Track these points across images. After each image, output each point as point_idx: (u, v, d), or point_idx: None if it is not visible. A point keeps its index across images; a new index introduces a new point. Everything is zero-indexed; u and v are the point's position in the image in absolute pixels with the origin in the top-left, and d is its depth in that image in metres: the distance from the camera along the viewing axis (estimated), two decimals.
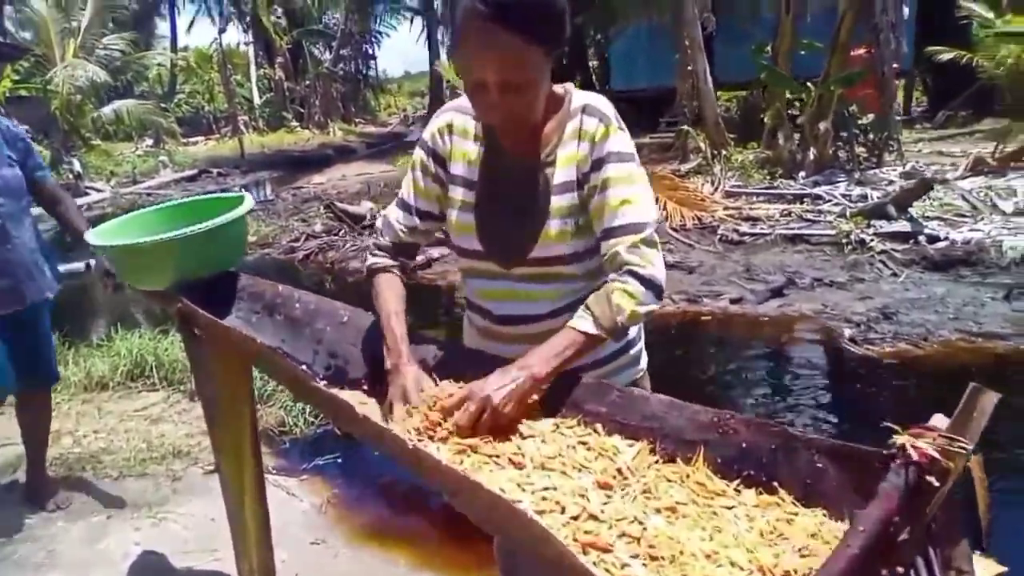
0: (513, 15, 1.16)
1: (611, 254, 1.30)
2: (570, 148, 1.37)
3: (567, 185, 1.37)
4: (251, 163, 19.65)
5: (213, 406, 1.93)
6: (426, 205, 1.51)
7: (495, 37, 1.17)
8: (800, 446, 1.07)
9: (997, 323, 4.54)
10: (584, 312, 1.27)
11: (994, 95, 13.09)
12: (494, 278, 1.46)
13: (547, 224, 1.38)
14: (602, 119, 1.34)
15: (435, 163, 1.49)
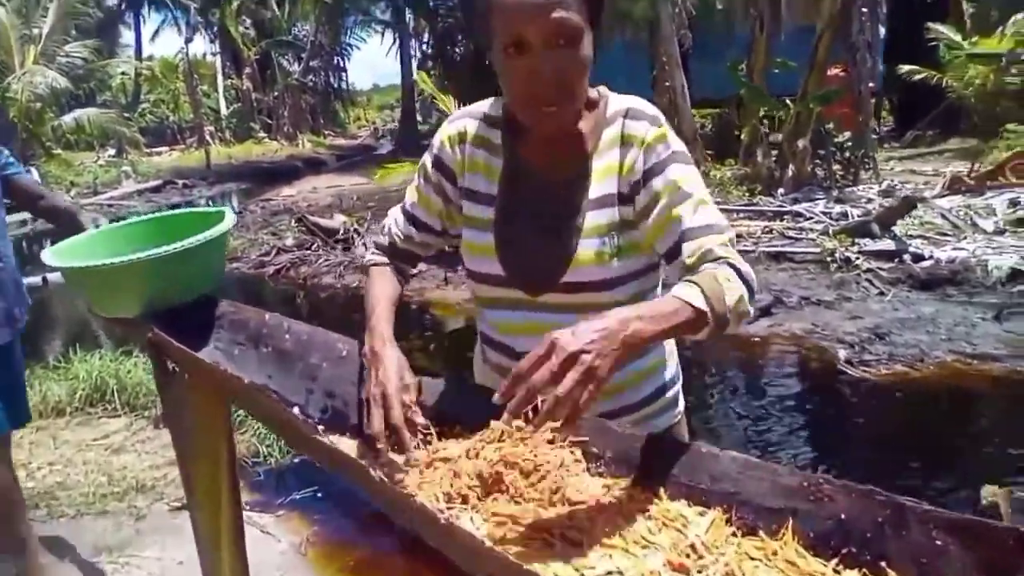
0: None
1: (702, 252, 1.08)
2: (609, 157, 1.19)
3: (605, 200, 1.19)
4: (218, 174, 19.26)
5: (186, 442, 1.70)
6: (425, 216, 1.36)
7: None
8: (913, 519, 0.90)
9: (990, 344, 4.48)
10: (689, 285, 0.99)
11: (960, 115, 13.34)
12: (517, 308, 1.26)
13: (580, 244, 1.19)
14: (652, 121, 1.17)
15: (441, 175, 1.32)
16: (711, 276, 1.02)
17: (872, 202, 7.91)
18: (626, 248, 1.19)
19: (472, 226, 1.28)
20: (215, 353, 1.67)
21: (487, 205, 1.26)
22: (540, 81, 1.07)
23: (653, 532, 0.97)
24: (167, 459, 3.23)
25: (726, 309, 0.99)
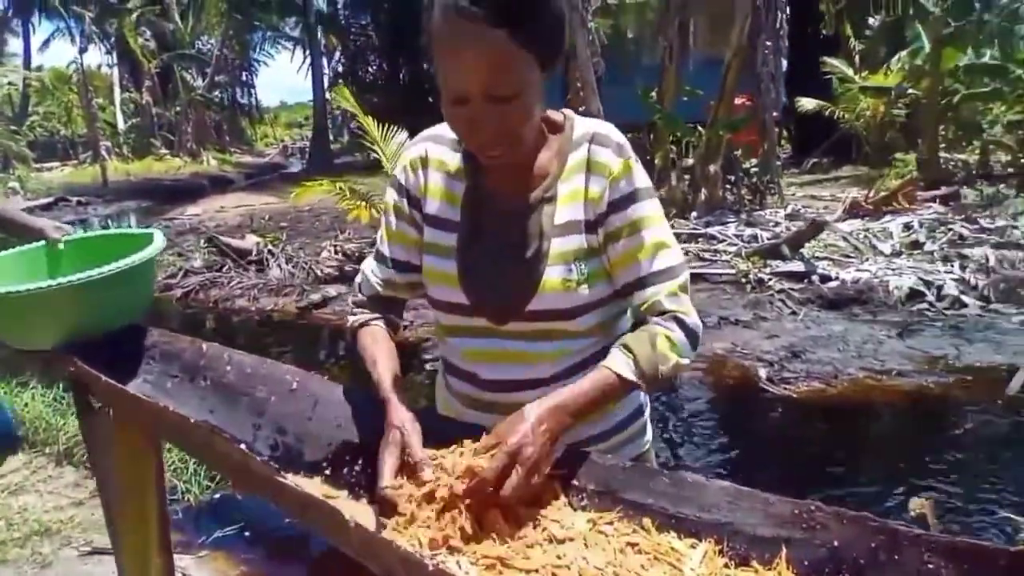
0: (499, 8, 0.97)
1: (651, 303, 1.13)
2: (575, 183, 1.16)
3: (572, 226, 1.16)
4: (115, 192, 18.27)
5: (112, 487, 1.56)
6: (404, 254, 1.28)
7: (478, 34, 0.97)
8: (907, 543, 0.90)
9: (897, 361, 4.72)
10: (622, 352, 1.08)
11: (852, 144, 14.22)
12: (482, 336, 1.22)
13: (546, 271, 1.15)
14: (618, 151, 1.15)
15: (409, 204, 1.26)
16: (649, 342, 1.09)
17: (779, 225, 8.27)
18: (592, 275, 1.17)
19: (433, 252, 1.23)
20: (144, 387, 1.54)
21: (449, 231, 1.22)
22: (480, 130, 1.06)
23: (646, 567, 0.94)
24: (72, 499, 2.98)
25: (658, 375, 1.08)
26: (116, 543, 1.60)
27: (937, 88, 11.09)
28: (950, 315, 5.59)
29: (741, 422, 4.40)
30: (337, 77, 24.73)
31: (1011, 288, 5.92)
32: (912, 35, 12.03)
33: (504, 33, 0.97)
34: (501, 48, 0.98)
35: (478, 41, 0.98)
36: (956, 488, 3.24)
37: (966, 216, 8.09)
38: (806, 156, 14.82)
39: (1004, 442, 3.88)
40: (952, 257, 6.68)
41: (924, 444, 3.96)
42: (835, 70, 13.18)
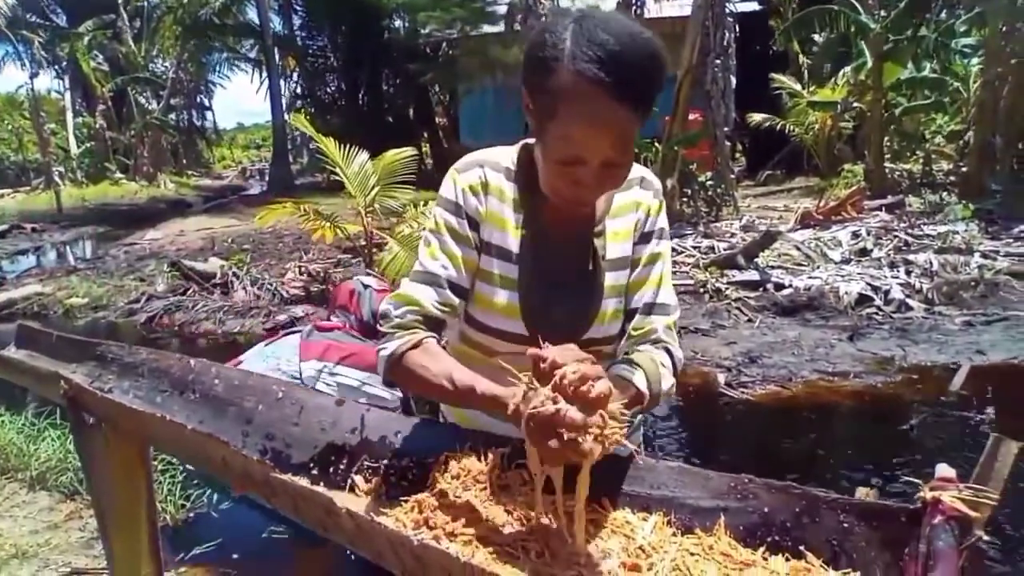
0: (635, 90, 1.00)
1: (647, 329, 1.26)
2: (625, 221, 1.28)
3: (622, 261, 1.29)
4: (70, 218, 17.93)
5: (105, 498, 1.64)
6: (460, 276, 1.24)
7: (613, 114, 1.00)
8: (824, 507, 1.05)
9: (848, 363, 4.95)
10: (633, 368, 1.17)
11: (802, 156, 14.69)
12: None
13: (604, 303, 1.27)
14: (656, 194, 1.32)
15: (470, 227, 1.25)
16: (651, 360, 1.19)
17: (735, 236, 8.53)
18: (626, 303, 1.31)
19: (489, 281, 1.25)
20: (134, 402, 1.63)
21: (508, 261, 1.25)
22: (586, 189, 1.10)
23: (605, 539, 1.07)
24: (48, 523, 3.01)
25: (660, 392, 1.18)
26: (109, 552, 1.68)
27: (880, 101, 11.55)
28: (897, 318, 5.86)
29: (702, 425, 4.57)
30: (296, 98, 24.68)
31: (953, 291, 6.22)
32: (855, 51, 12.51)
33: (634, 115, 1.01)
34: (628, 125, 1.02)
35: (612, 120, 1.01)
36: (902, 475, 3.44)
37: (910, 223, 8.47)
38: (760, 169, 15.27)
39: (946, 434, 4.10)
40: (898, 263, 6.98)
41: (874, 439, 4.17)
42: (784, 85, 13.63)
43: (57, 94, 29.77)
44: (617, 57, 0.99)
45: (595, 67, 0.98)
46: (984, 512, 0.94)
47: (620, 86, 0.99)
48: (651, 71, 1.02)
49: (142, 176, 25.69)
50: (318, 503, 1.09)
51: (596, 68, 0.98)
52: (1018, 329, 5.41)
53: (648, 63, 1.01)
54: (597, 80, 0.98)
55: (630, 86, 0.99)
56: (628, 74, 0.99)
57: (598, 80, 0.98)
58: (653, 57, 1.02)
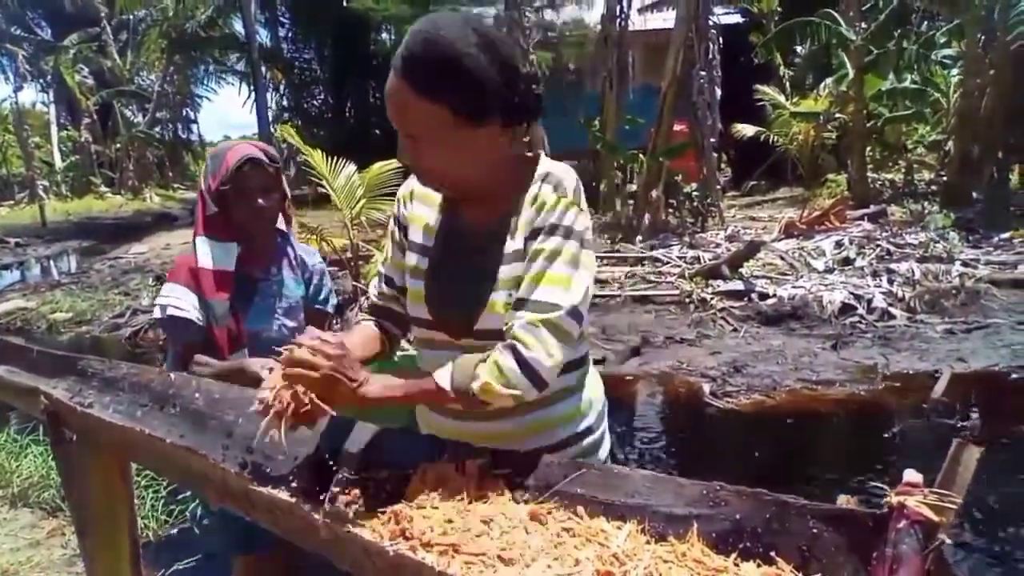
0: (410, 69, 1.19)
1: (511, 325, 1.22)
2: (525, 216, 1.31)
3: (516, 255, 1.31)
4: (55, 232, 17.82)
5: (85, 513, 1.63)
6: (393, 273, 1.50)
7: (398, 90, 1.21)
8: (794, 513, 1.07)
9: (831, 371, 5.00)
10: (452, 363, 1.22)
11: (787, 166, 14.83)
12: (442, 348, 1.38)
13: (493, 295, 1.30)
14: (557, 189, 1.28)
15: (400, 231, 1.47)
16: (472, 362, 1.21)
17: (720, 246, 8.60)
18: None
19: (412, 275, 1.42)
20: (114, 417, 1.62)
21: (421, 254, 1.41)
22: (408, 162, 1.32)
23: (580, 548, 1.09)
24: (29, 540, 2.99)
25: (468, 392, 1.19)
26: (89, 567, 1.67)
27: (862, 112, 11.69)
28: (879, 326, 5.92)
29: (688, 434, 4.60)
30: (282, 111, 24.70)
31: (935, 299, 6.30)
32: (837, 63, 12.67)
33: (414, 91, 1.19)
34: (405, 98, 1.20)
35: (396, 94, 1.21)
36: (884, 482, 3.47)
37: (893, 232, 8.57)
38: (744, 179, 15.40)
39: (928, 440, 4.15)
40: (880, 272, 7.05)
41: (857, 447, 4.21)
42: (767, 96, 13.78)
43: (42, 107, 29.67)
44: (407, 44, 1.21)
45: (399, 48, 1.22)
46: (948, 516, 0.96)
47: (400, 62, 1.20)
48: (422, 55, 1.19)
49: (127, 190, 25.59)
50: (296, 515, 1.10)
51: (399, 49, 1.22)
52: (998, 336, 5.48)
53: (420, 49, 1.19)
54: (392, 65, 1.22)
55: (403, 65, 1.19)
56: (404, 55, 1.20)
57: (392, 64, 1.22)
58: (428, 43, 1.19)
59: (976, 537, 3.04)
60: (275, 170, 2.01)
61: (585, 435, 1.44)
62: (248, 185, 1.94)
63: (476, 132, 1.23)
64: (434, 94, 1.18)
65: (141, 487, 3.22)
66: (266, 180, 1.98)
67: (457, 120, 1.20)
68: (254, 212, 1.96)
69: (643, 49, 15.09)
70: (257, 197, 1.95)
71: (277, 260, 2.12)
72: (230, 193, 1.94)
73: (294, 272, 2.15)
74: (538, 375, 1.20)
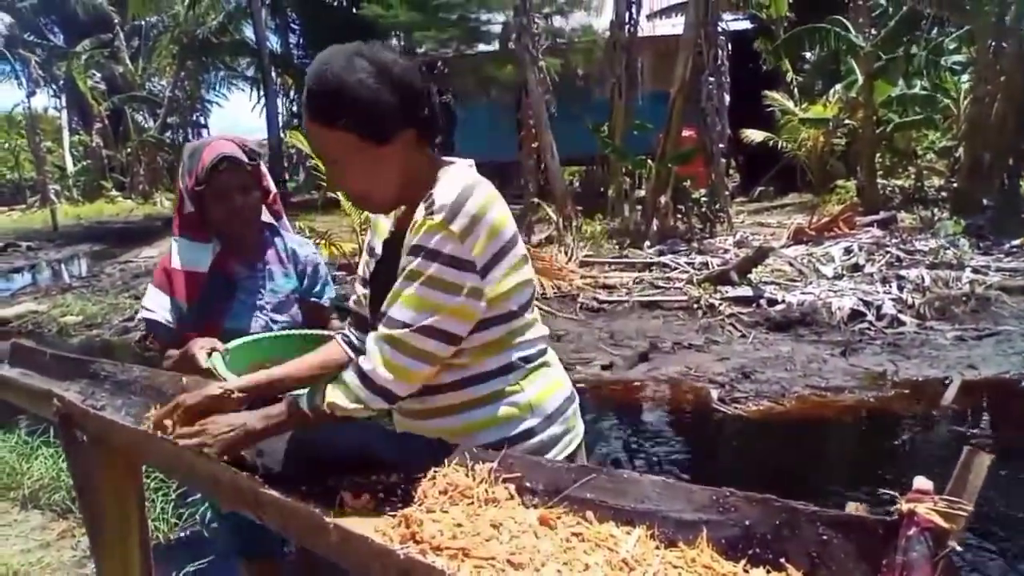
0: (311, 104, 1.31)
1: (366, 340, 1.33)
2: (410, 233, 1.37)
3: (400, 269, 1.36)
4: (66, 236, 17.95)
5: (98, 520, 1.65)
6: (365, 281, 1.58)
7: (307, 124, 1.33)
8: (804, 519, 1.07)
9: (840, 378, 4.98)
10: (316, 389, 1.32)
11: (796, 172, 14.79)
12: None
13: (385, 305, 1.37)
14: (429, 209, 1.29)
15: (370, 237, 1.59)
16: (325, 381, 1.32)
17: (728, 252, 8.57)
18: None
19: (361, 280, 1.56)
20: (126, 419, 1.64)
21: (373, 261, 1.53)
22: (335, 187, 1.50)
23: (589, 552, 1.09)
24: (40, 542, 3.01)
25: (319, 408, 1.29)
26: (100, 570, 1.68)
27: (872, 118, 11.65)
28: (889, 333, 5.89)
29: (695, 441, 4.58)
30: (292, 116, 24.80)
31: (945, 306, 6.26)
32: (846, 69, 12.63)
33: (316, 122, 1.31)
34: (313, 130, 1.32)
35: (306, 125, 1.34)
36: (894, 489, 3.45)
37: (902, 239, 8.53)
38: (753, 185, 15.35)
39: (938, 448, 4.12)
40: (890, 278, 7.01)
41: (866, 454, 4.19)
42: (776, 103, 13.75)
43: (54, 112, 29.93)
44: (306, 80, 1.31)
45: None
46: (958, 524, 0.96)
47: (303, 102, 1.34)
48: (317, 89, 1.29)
49: (138, 194, 25.76)
50: (306, 518, 1.11)
51: None
52: (1009, 344, 5.45)
53: (314, 83, 1.29)
54: None
55: (306, 101, 1.32)
56: (305, 93, 1.31)
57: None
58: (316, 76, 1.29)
59: (985, 545, 3.02)
60: (253, 167, 1.95)
61: (524, 437, 1.40)
62: (225, 184, 1.89)
63: (383, 150, 1.32)
64: (334, 122, 1.28)
65: (151, 490, 3.24)
66: (244, 178, 1.93)
67: (363, 143, 1.30)
68: (232, 212, 1.91)
69: (652, 55, 15.10)
70: (235, 196, 1.91)
71: (262, 254, 2.06)
72: (206, 193, 1.89)
73: (283, 265, 2.08)
74: (378, 386, 1.28)
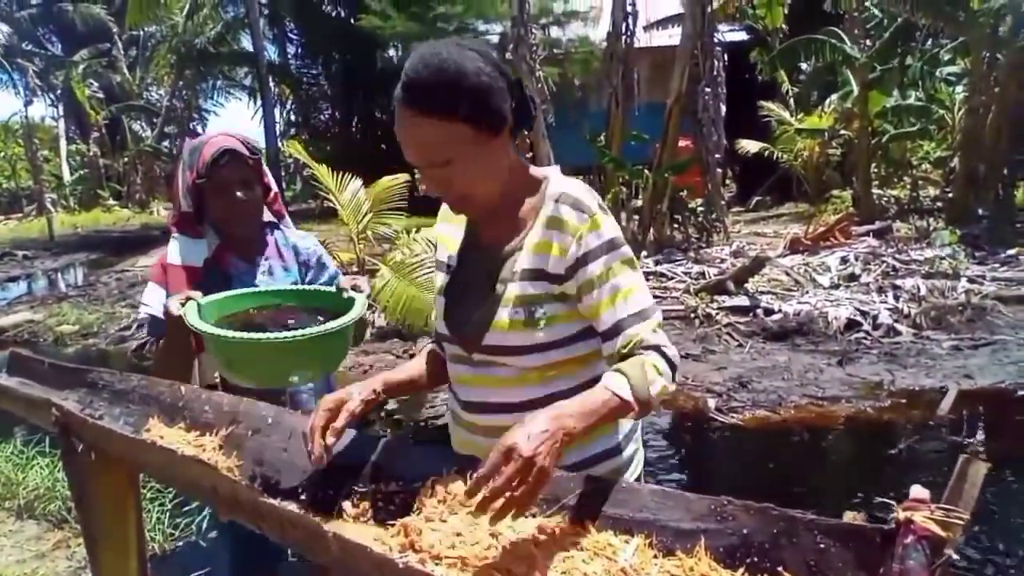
0: (419, 94, 1.18)
1: (635, 341, 1.24)
2: (541, 236, 1.31)
3: (532, 273, 1.30)
4: (62, 244, 17.94)
5: (96, 529, 1.64)
6: None
7: (409, 119, 1.20)
8: (802, 528, 1.07)
9: (837, 387, 4.99)
10: (618, 376, 1.17)
11: (792, 182, 14.86)
12: (460, 362, 1.41)
13: (498, 312, 1.31)
14: (583, 210, 1.28)
15: (436, 251, 1.53)
16: (640, 366, 1.18)
17: (725, 262, 8.60)
18: (552, 319, 1.30)
19: (438, 292, 1.46)
20: (125, 429, 1.64)
21: (446, 273, 1.44)
22: (434, 190, 1.29)
23: (587, 561, 1.09)
24: (35, 552, 3.00)
25: (650, 397, 1.17)
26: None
27: (867, 129, 11.72)
28: (885, 343, 5.91)
29: (693, 450, 4.59)
30: (289, 126, 24.85)
31: (940, 315, 6.29)
32: (841, 79, 12.71)
33: (423, 115, 1.18)
34: (424, 127, 1.19)
35: (407, 123, 1.21)
36: (891, 498, 3.45)
37: (898, 249, 8.56)
38: (749, 195, 15.42)
39: (934, 457, 4.13)
40: (886, 288, 7.05)
41: (863, 463, 4.20)
42: (772, 113, 13.82)
43: (51, 121, 29.92)
44: (406, 73, 1.20)
45: (397, 89, 1.21)
46: (955, 532, 0.96)
47: (406, 91, 1.19)
48: (431, 78, 1.18)
49: (135, 203, 25.76)
50: (305, 528, 1.11)
51: (397, 89, 1.20)
52: (1005, 353, 5.47)
53: (427, 73, 1.18)
54: (396, 97, 1.21)
55: (411, 90, 1.19)
56: (411, 86, 1.19)
57: (397, 97, 1.21)
58: (432, 66, 1.19)
59: (982, 554, 3.03)
60: (255, 162, 1.93)
61: (608, 456, 1.39)
62: (226, 178, 1.87)
63: (494, 143, 1.24)
64: (451, 112, 1.18)
65: (147, 500, 3.23)
66: (245, 173, 1.91)
67: (479, 134, 1.21)
68: (232, 207, 1.89)
69: (648, 66, 15.17)
70: (236, 191, 1.88)
71: (262, 250, 2.03)
72: (207, 187, 1.87)
73: (283, 260, 2.04)
74: (676, 368, 1.26)
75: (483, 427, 1.37)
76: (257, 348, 1.56)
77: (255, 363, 1.62)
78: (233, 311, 1.78)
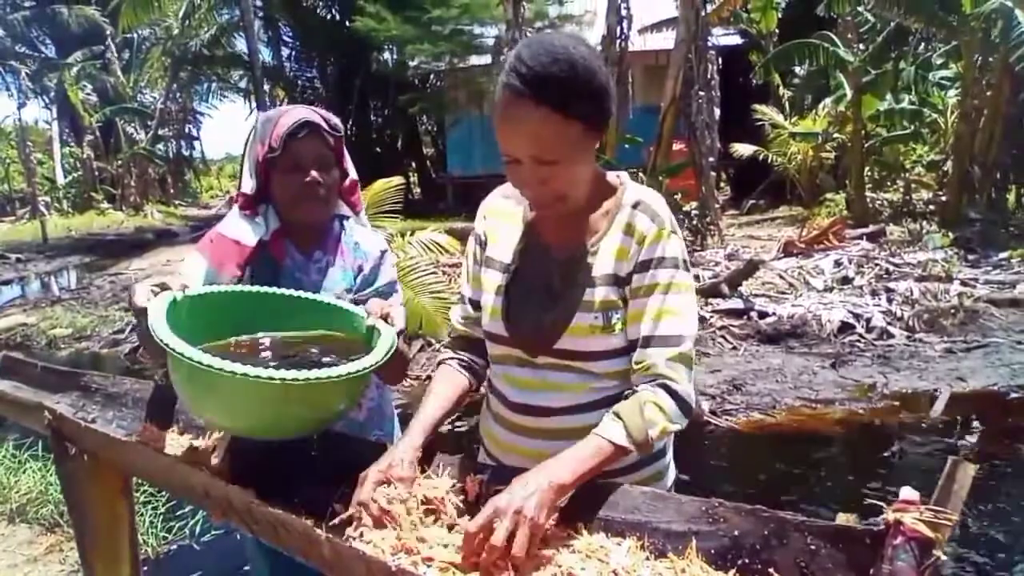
0: (547, 88, 1.13)
1: (647, 364, 1.24)
2: (616, 241, 1.29)
3: (608, 279, 1.29)
4: (56, 247, 17.86)
5: (89, 533, 1.64)
6: (477, 294, 1.45)
7: (527, 111, 1.13)
8: (793, 529, 1.08)
9: (830, 390, 5.01)
10: (613, 420, 1.19)
11: (785, 185, 14.90)
12: (515, 365, 1.37)
13: (577, 316, 1.29)
14: (655, 219, 1.28)
15: (479, 248, 1.45)
16: (638, 408, 1.19)
17: (719, 265, 8.61)
18: (624, 324, 1.29)
19: (488, 290, 1.40)
20: (118, 432, 1.64)
21: (500, 271, 1.38)
22: (528, 188, 1.24)
23: (579, 564, 1.10)
24: (27, 557, 2.98)
25: (647, 439, 1.18)
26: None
27: (860, 132, 11.77)
28: (878, 345, 5.93)
29: (686, 452, 4.58)
30: None
31: (933, 318, 6.32)
32: (835, 83, 12.77)
33: (551, 112, 1.13)
34: (548, 124, 1.14)
35: (527, 117, 1.14)
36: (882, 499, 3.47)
37: (891, 252, 8.60)
38: (743, 198, 15.45)
39: (927, 459, 4.14)
40: (879, 291, 7.08)
41: (856, 465, 4.21)
42: (766, 117, 13.87)
43: (45, 124, 29.86)
44: (527, 63, 1.13)
45: (506, 75, 1.15)
46: (944, 533, 0.97)
47: (530, 82, 1.12)
48: (559, 72, 1.13)
49: (129, 206, 25.65)
50: (298, 530, 1.11)
51: (507, 75, 1.15)
52: (997, 356, 5.50)
53: (554, 65, 1.13)
54: (507, 84, 1.14)
55: (540, 83, 1.12)
56: (533, 74, 1.12)
57: (508, 84, 1.14)
58: (561, 60, 1.13)
59: (971, 554, 3.04)
60: (336, 140, 1.67)
61: (656, 458, 1.42)
62: (301, 154, 1.61)
63: (592, 142, 1.22)
64: (575, 111, 1.15)
65: (139, 503, 3.22)
66: (323, 151, 1.65)
67: (587, 133, 1.19)
68: (303, 188, 1.62)
69: (643, 69, 15.22)
70: (310, 169, 1.62)
71: (324, 243, 1.75)
72: (278, 163, 1.61)
73: (343, 259, 1.75)
74: (689, 407, 1.24)
75: (533, 429, 1.35)
76: (228, 383, 1.11)
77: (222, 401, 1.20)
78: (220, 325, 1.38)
